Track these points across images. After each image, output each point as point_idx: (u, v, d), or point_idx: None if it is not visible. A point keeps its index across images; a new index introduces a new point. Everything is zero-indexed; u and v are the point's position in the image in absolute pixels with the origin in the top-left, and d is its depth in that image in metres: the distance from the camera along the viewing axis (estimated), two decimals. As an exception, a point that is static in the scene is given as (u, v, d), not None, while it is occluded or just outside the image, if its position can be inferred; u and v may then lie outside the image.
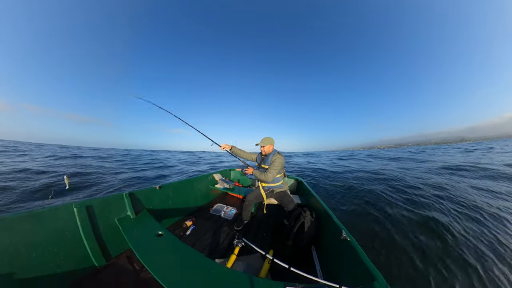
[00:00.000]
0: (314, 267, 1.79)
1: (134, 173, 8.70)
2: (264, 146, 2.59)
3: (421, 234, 2.88)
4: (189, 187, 3.16)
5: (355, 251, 1.27)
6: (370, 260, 1.15)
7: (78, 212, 1.59)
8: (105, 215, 1.78)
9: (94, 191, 5.48)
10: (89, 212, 1.66)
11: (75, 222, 1.58)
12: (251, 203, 2.66)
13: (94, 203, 1.72)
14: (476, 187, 5.18)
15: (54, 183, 5.84)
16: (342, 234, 1.47)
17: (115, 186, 6.09)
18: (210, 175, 3.95)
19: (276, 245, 2.22)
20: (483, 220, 3.27)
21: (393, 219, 3.40)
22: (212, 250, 2.10)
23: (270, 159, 2.55)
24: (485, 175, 6.74)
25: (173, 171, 10.49)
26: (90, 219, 1.66)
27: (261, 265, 1.75)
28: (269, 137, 2.63)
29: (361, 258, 1.18)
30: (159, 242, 1.52)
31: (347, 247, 1.37)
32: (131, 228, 1.72)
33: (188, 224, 2.51)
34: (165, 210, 2.51)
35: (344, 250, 1.42)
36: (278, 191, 2.68)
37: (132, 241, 1.50)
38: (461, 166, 8.58)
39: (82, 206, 1.62)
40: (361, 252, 1.24)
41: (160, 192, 2.46)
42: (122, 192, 1.97)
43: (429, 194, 4.66)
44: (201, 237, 2.33)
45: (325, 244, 1.89)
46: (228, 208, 3.19)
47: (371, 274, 1.06)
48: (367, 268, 1.10)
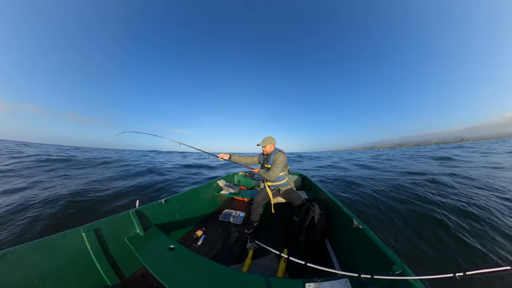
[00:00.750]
0: (330, 260, 1.78)
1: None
2: (266, 146, 2.62)
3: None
4: (195, 197, 3.14)
5: (369, 238, 1.27)
6: (385, 245, 1.14)
7: (86, 236, 1.57)
8: (114, 235, 1.76)
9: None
10: (97, 235, 1.64)
11: (85, 246, 1.56)
12: (260, 205, 2.66)
13: (102, 225, 1.70)
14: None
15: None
16: (354, 223, 1.47)
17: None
18: (214, 182, 3.94)
19: (289, 243, 2.21)
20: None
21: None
22: (226, 257, 2.08)
23: (272, 158, 2.58)
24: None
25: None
26: (99, 242, 1.63)
27: (277, 265, 1.74)
28: (270, 137, 2.66)
29: (376, 244, 1.18)
30: (171, 255, 1.51)
31: (361, 235, 1.37)
32: (142, 245, 1.70)
33: (198, 234, 2.49)
34: (174, 223, 2.49)
35: (358, 239, 1.41)
36: (284, 189, 2.69)
37: (145, 258, 1.48)
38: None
39: (90, 229, 1.60)
40: (375, 238, 1.23)
41: (166, 206, 2.44)
42: (129, 211, 1.95)
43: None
44: (213, 245, 2.30)
45: (338, 235, 1.88)
46: (236, 212, 3.17)
47: (388, 258, 1.05)
48: (384, 253, 1.09)
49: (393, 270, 0.97)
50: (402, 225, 3.21)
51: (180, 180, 8.08)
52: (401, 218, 3.44)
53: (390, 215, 3.58)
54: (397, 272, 0.96)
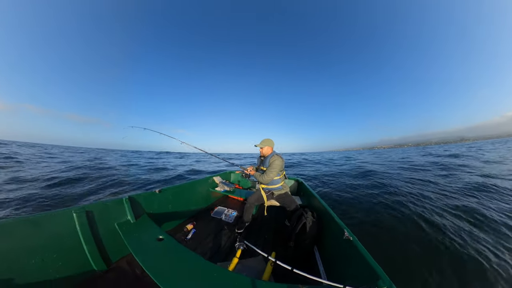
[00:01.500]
0: (317, 268, 1.77)
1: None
2: (263, 148, 2.61)
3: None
4: (189, 191, 3.14)
5: (358, 250, 1.26)
6: (373, 259, 1.14)
7: (77, 217, 1.57)
8: (104, 220, 1.76)
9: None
10: (88, 217, 1.64)
11: (75, 227, 1.56)
12: (252, 206, 2.65)
13: (94, 208, 1.70)
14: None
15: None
16: (345, 233, 1.46)
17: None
18: (210, 178, 3.93)
19: (278, 247, 2.20)
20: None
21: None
22: (214, 253, 2.07)
23: (268, 161, 2.55)
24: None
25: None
26: (89, 224, 1.64)
27: (264, 267, 1.73)
28: (268, 139, 2.64)
29: (364, 257, 1.17)
30: (160, 246, 1.50)
31: (350, 247, 1.36)
32: (131, 233, 1.70)
33: (189, 227, 2.49)
34: (166, 214, 2.49)
35: (347, 250, 1.41)
36: (278, 193, 2.67)
37: (133, 245, 1.48)
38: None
39: (81, 211, 1.60)
40: (364, 251, 1.23)
41: (160, 196, 2.44)
42: (122, 197, 1.95)
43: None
44: (202, 240, 2.30)
45: (327, 244, 1.87)
46: (229, 210, 3.17)
47: (375, 273, 1.04)
48: (371, 267, 1.09)
49: (379, 285, 0.97)
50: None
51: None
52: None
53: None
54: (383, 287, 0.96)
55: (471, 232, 2.95)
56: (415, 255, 2.50)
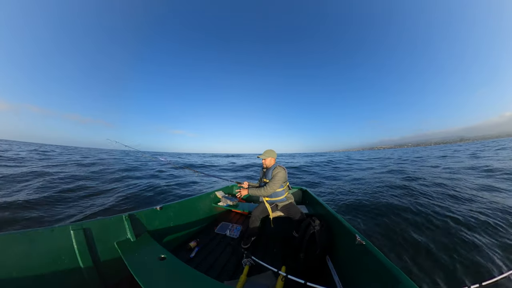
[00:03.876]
0: (331, 278, 1.65)
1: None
2: (266, 159, 2.58)
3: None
4: (191, 207, 3.05)
5: (373, 254, 1.19)
6: (391, 262, 1.07)
7: (75, 234, 1.49)
8: (103, 238, 1.68)
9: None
10: (86, 235, 1.57)
11: (72, 245, 1.48)
12: (258, 218, 2.55)
13: (92, 225, 1.63)
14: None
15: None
16: (357, 238, 1.40)
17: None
18: (212, 193, 3.85)
19: (288, 259, 2.08)
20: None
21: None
22: (220, 272, 1.95)
23: (271, 173, 2.52)
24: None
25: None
26: (87, 242, 1.55)
27: (274, 283, 1.62)
28: (271, 150, 2.63)
29: (381, 261, 1.10)
30: (162, 266, 1.42)
31: (364, 252, 1.29)
32: (132, 252, 1.61)
33: (192, 245, 2.37)
34: (167, 232, 2.38)
35: (361, 255, 1.33)
36: (282, 205, 2.60)
37: (133, 265, 1.39)
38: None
39: (79, 228, 1.53)
40: (379, 254, 1.16)
41: (161, 213, 2.36)
42: (122, 214, 1.88)
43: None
44: (207, 258, 2.18)
45: (340, 251, 1.77)
46: (233, 225, 3.05)
47: (394, 276, 0.97)
48: (389, 271, 1.02)
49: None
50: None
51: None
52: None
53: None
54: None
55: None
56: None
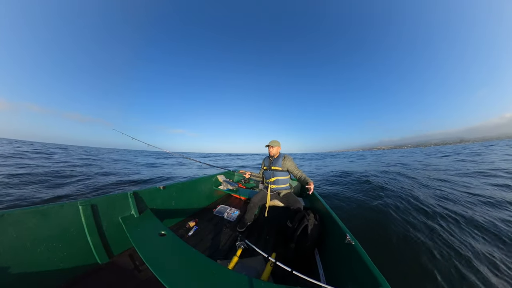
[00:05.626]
0: (317, 271, 1.75)
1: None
2: (274, 148, 2.72)
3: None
4: (193, 188, 3.18)
5: (359, 255, 1.23)
6: (375, 265, 1.11)
7: (83, 209, 1.62)
8: (109, 213, 1.81)
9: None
10: (93, 210, 1.69)
11: (80, 219, 1.61)
12: (256, 205, 2.66)
13: (99, 201, 1.75)
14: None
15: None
16: (347, 237, 1.43)
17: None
18: (213, 176, 3.96)
19: (279, 247, 2.19)
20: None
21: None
22: (214, 251, 2.09)
23: (280, 161, 2.69)
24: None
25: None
26: (94, 217, 1.69)
27: (263, 267, 1.72)
28: (276, 140, 2.77)
29: (365, 263, 1.15)
30: (161, 241, 1.53)
31: (351, 251, 1.34)
32: (135, 227, 1.73)
33: (191, 224, 2.51)
34: (169, 210, 2.53)
35: (348, 254, 1.38)
36: (284, 192, 2.71)
37: (135, 239, 1.51)
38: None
39: (87, 204, 1.65)
40: (365, 256, 1.20)
41: (164, 192, 2.48)
42: (127, 191, 1.99)
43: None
44: (203, 237, 2.32)
45: (329, 247, 1.84)
46: (231, 209, 3.18)
47: (375, 279, 1.02)
48: (372, 273, 1.06)
49: None
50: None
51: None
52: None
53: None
54: None
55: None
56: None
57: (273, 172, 2.72)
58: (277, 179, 2.71)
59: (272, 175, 2.72)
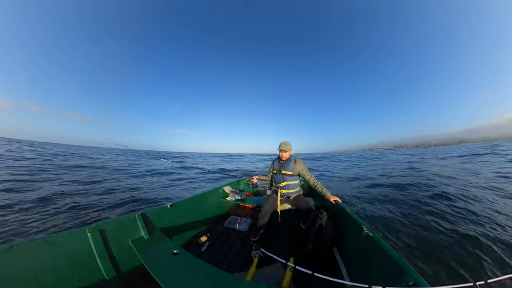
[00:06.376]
0: (339, 269, 1.68)
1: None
2: (287, 152, 2.56)
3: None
4: (200, 203, 3.13)
5: (380, 246, 1.19)
6: (398, 254, 1.06)
7: (91, 236, 1.60)
8: (118, 237, 1.78)
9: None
10: (102, 236, 1.67)
11: (89, 246, 1.59)
12: (267, 213, 2.57)
13: (107, 226, 1.73)
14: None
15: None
16: (364, 230, 1.39)
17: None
18: (220, 188, 3.92)
19: (296, 251, 2.12)
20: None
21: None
22: (230, 264, 2.02)
23: (291, 165, 2.55)
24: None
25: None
26: (104, 243, 1.66)
27: (283, 274, 1.66)
28: (288, 142, 2.59)
29: (387, 253, 1.10)
30: (175, 260, 1.49)
31: (371, 244, 1.29)
32: (146, 249, 1.69)
33: (203, 240, 2.45)
34: (178, 228, 2.48)
35: (368, 247, 1.33)
36: (293, 196, 2.63)
37: (147, 261, 1.47)
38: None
39: (95, 230, 1.63)
40: (386, 246, 1.15)
41: (172, 211, 2.44)
42: (135, 214, 1.97)
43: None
44: (217, 252, 2.26)
45: (347, 243, 1.78)
46: (242, 219, 3.11)
47: (401, 268, 0.97)
48: (396, 263, 1.01)
49: (407, 281, 0.89)
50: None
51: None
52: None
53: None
54: (411, 283, 0.88)
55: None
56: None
57: (283, 177, 2.61)
58: (288, 183, 2.61)
59: (282, 180, 2.63)
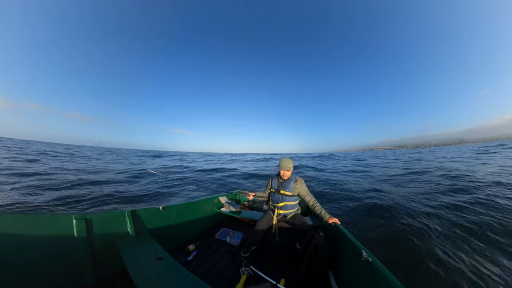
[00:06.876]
0: None
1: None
2: (289, 171, 2.36)
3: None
4: (194, 210, 3.03)
5: (380, 272, 1.09)
6: (398, 281, 0.97)
7: (76, 223, 1.54)
8: (104, 231, 1.70)
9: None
10: (88, 226, 1.60)
11: (72, 233, 1.52)
12: (262, 230, 2.39)
13: (95, 217, 1.66)
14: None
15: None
16: (363, 254, 1.29)
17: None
18: (215, 197, 3.81)
19: (289, 272, 1.96)
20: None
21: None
22: (216, 278, 1.87)
23: (291, 185, 2.35)
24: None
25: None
26: (87, 233, 1.58)
27: (272, 296, 1.52)
28: (290, 160, 2.41)
29: (387, 280, 1.01)
30: (158, 266, 1.39)
31: (370, 270, 1.19)
32: (130, 248, 1.60)
33: (191, 248, 2.32)
34: (167, 233, 2.36)
35: (366, 273, 1.22)
36: (290, 215, 2.48)
37: (129, 261, 1.38)
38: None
39: (81, 218, 1.57)
40: (386, 272, 1.06)
41: (163, 213, 2.36)
42: (125, 210, 1.91)
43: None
44: (204, 263, 2.11)
45: (344, 267, 1.65)
46: (235, 232, 2.97)
47: None
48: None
49: None
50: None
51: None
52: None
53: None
54: None
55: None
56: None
57: (281, 197, 2.40)
58: (286, 204, 2.41)
59: (280, 200, 2.41)
